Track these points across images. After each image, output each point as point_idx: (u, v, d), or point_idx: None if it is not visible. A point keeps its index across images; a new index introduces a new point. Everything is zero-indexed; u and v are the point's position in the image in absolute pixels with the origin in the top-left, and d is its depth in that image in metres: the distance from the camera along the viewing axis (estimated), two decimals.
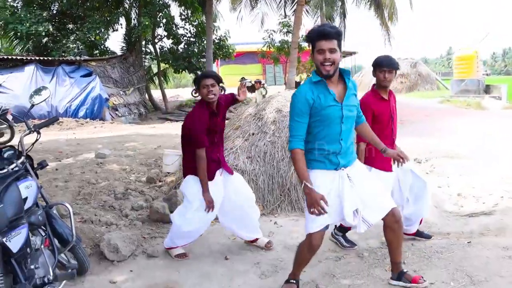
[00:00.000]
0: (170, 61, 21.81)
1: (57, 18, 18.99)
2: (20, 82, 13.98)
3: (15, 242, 2.30)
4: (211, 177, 3.52)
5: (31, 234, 2.72)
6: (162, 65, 23.07)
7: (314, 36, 2.60)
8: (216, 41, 21.83)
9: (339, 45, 2.62)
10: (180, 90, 38.12)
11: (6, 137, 9.41)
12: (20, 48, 18.33)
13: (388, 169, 3.45)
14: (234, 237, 4.04)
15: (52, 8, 19.40)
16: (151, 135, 10.80)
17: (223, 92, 4.06)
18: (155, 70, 24.45)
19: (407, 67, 24.48)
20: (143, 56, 22.27)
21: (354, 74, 33.48)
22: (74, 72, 15.11)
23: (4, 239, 2.20)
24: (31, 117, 13.25)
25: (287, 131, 4.42)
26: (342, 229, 3.81)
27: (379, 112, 3.44)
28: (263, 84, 14.03)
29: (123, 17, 21.42)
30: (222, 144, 3.73)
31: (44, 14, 17.06)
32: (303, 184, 2.58)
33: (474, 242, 3.57)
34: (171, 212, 4.70)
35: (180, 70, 22.57)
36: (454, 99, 17.65)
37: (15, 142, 8.65)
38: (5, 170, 2.63)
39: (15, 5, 17.77)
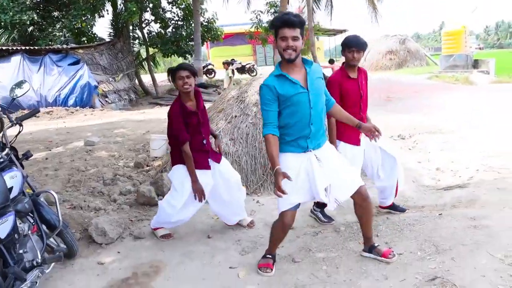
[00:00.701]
0: (159, 46, 21.72)
1: (41, 6, 18.76)
2: (7, 73, 13.93)
3: (2, 229, 2.45)
4: (201, 166, 3.64)
5: (20, 221, 2.88)
6: (151, 50, 22.95)
7: (278, 24, 2.72)
8: (204, 23, 21.72)
9: (301, 34, 2.74)
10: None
11: None
12: (6, 38, 18.16)
13: (356, 143, 3.62)
14: (217, 217, 4.21)
15: None
16: (140, 121, 10.90)
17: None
18: (144, 55, 24.35)
19: (396, 44, 24.54)
20: (131, 41, 22.13)
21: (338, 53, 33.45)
22: (62, 61, 15.06)
23: None
24: (20, 107, 13.28)
25: None
26: (320, 205, 3.99)
27: (346, 90, 3.56)
28: (232, 67, 13.89)
29: (109, 2, 21.22)
30: (208, 134, 3.79)
31: (28, 2, 16.87)
32: (274, 169, 2.72)
33: (445, 214, 3.75)
34: (158, 195, 4.88)
35: (169, 54, 22.50)
36: (442, 75, 17.80)
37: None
38: None
39: None
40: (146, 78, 24.10)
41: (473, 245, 2.98)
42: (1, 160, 2.85)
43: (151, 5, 20.81)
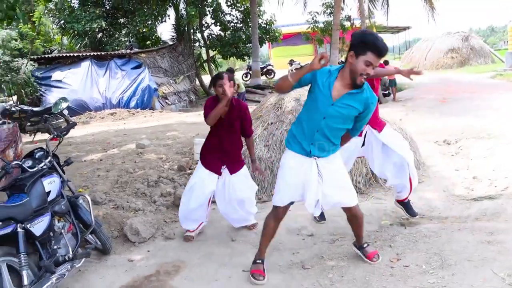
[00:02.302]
0: (218, 48, 22.44)
1: (110, 13, 20.12)
2: (77, 77, 15.18)
3: (38, 227, 2.85)
4: (210, 167, 3.97)
5: (58, 220, 3.31)
6: (211, 52, 23.76)
7: (371, 46, 2.63)
8: (263, 25, 22.10)
9: None
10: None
11: None
12: (79, 44, 19.69)
13: None
14: None
15: (105, 4, 20.58)
16: (193, 123, 11.40)
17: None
18: (205, 57, 25.21)
19: (458, 41, 23.34)
20: (192, 44, 23.04)
21: (405, 50, 32.32)
22: (125, 65, 16.09)
23: (28, 225, 2.75)
24: (88, 109, 14.43)
25: None
26: None
27: None
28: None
29: (171, 8, 22.24)
30: (230, 145, 3.99)
31: (97, 11, 18.17)
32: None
33: (465, 226, 3.70)
34: None
35: (228, 56, 23.17)
36: (507, 73, 16.70)
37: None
38: (35, 168, 3.19)
39: (72, 5, 19.04)
40: (207, 79, 25.00)
41: (480, 261, 2.95)
42: (44, 167, 3.28)
43: (211, 8, 21.58)
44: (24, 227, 2.71)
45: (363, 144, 4.02)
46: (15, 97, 15.68)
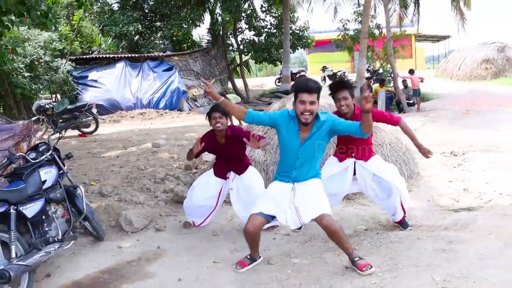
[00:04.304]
0: (251, 53, 22.88)
1: (147, 17, 21.01)
2: (112, 78, 16.01)
3: (30, 210, 3.29)
4: (217, 174, 4.36)
5: (57, 207, 3.76)
6: (244, 56, 24.25)
7: (298, 88, 3.18)
8: (296, 32, 22.36)
9: (318, 98, 3.18)
10: (265, 79, 39.26)
11: (92, 127, 11.09)
12: (116, 46, 20.67)
13: (340, 159, 4.06)
14: (231, 219, 4.77)
15: (144, 8, 21.49)
16: None
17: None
18: (239, 61, 25.76)
19: (494, 52, 22.68)
20: (226, 48, 23.60)
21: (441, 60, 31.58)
22: (157, 67, 16.80)
23: (20, 208, 3.19)
24: (119, 108, 15.22)
25: None
26: None
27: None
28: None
29: (207, 12, 22.91)
30: (234, 162, 4.30)
31: (135, 15, 19.04)
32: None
33: (431, 235, 3.84)
34: None
35: (260, 61, 23.57)
36: None
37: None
38: (38, 160, 3.65)
39: (112, 8, 20.04)
40: (240, 83, 25.51)
41: (425, 267, 3.13)
42: (45, 159, 3.73)
43: (245, 14, 22.06)
44: (16, 208, 3.14)
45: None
46: (58, 95, 16.64)
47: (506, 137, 7.98)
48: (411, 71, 15.10)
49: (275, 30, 22.95)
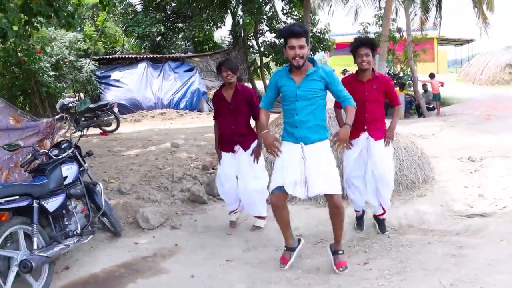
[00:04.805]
0: (272, 55, 22.98)
1: (170, 18, 21.34)
2: (134, 78, 16.34)
3: (51, 205, 3.45)
4: (225, 149, 4.51)
5: (77, 202, 3.92)
6: (265, 58, 24.37)
7: (285, 34, 3.27)
8: (316, 34, 22.36)
9: (307, 41, 3.28)
10: None
11: (113, 126, 11.36)
12: (139, 47, 21.06)
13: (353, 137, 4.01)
14: (245, 219, 4.86)
15: (166, 9, 21.83)
16: None
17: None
18: (259, 63, 25.90)
19: None
20: (247, 50, 23.77)
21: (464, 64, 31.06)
22: (178, 68, 17.06)
23: (43, 202, 3.35)
24: (140, 108, 15.52)
25: None
26: None
27: (352, 92, 3.69)
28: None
29: (229, 14, 23.13)
30: (237, 126, 4.37)
31: (158, 16, 19.37)
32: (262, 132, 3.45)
33: (442, 239, 3.87)
34: (208, 195, 5.70)
35: (281, 63, 23.65)
36: None
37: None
38: (60, 157, 3.82)
39: (135, 9, 20.43)
40: (260, 85, 25.64)
41: (433, 270, 3.16)
42: (67, 155, 3.89)
43: (266, 16, 22.18)
44: (39, 202, 3.31)
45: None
46: (81, 94, 17.03)
47: None
48: (432, 75, 14.94)
49: None
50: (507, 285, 2.84)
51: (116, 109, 11.17)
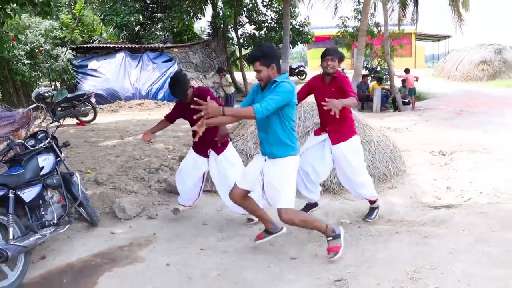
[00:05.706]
0: (251, 47, 22.96)
1: (148, 8, 21.07)
2: (111, 68, 16.13)
3: (28, 195, 3.47)
4: (198, 152, 4.54)
5: (53, 192, 3.94)
6: (244, 50, 24.35)
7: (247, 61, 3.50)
8: (296, 27, 22.45)
9: (264, 63, 3.25)
10: None
11: (90, 116, 11.25)
12: (117, 36, 20.75)
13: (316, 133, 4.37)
14: (220, 209, 4.96)
15: None
16: None
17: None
18: (238, 54, 25.89)
19: (491, 54, 22.88)
20: (227, 41, 23.70)
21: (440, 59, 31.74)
22: (157, 58, 16.91)
23: (18, 192, 3.37)
24: (118, 98, 15.36)
25: None
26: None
27: (315, 90, 4.19)
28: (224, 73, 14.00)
29: (209, 5, 22.97)
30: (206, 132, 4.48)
31: (136, 5, 19.11)
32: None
33: (410, 230, 4.05)
34: None
35: None
36: None
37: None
38: (37, 147, 3.83)
39: None
40: (239, 76, 25.63)
41: (399, 259, 3.33)
42: (43, 146, 3.91)
43: (246, 8, 22.13)
44: (14, 193, 3.33)
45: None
46: (58, 83, 16.71)
47: (493, 139, 8.18)
48: (407, 70, 15.26)
49: (275, 25, 23.02)
50: (464, 272, 3.02)
51: (93, 99, 11.05)
